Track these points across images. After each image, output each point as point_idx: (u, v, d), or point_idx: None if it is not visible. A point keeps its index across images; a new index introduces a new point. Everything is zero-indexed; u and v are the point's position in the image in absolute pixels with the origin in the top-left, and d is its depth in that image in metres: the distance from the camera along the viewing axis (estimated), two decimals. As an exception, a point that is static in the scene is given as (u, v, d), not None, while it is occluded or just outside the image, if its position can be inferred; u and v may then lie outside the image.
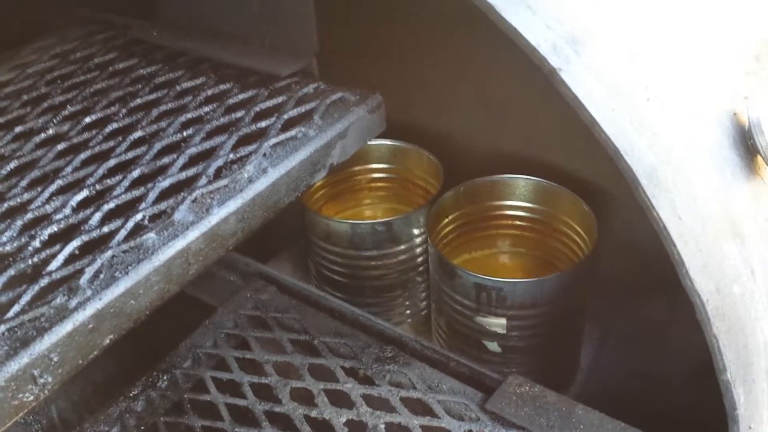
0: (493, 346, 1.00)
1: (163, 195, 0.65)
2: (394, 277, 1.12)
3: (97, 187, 0.67)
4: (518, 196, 1.09)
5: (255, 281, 1.01)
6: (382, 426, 0.77)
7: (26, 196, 0.68)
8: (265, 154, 0.66)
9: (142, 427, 0.83)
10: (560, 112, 0.66)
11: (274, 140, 0.68)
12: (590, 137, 0.62)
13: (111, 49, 0.92)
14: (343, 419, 0.78)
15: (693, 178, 0.68)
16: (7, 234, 0.63)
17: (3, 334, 0.53)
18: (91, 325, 0.55)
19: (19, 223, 0.64)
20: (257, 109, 0.75)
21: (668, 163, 0.66)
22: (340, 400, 0.81)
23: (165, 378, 0.89)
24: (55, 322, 0.54)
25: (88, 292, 0.56)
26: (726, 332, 0.67)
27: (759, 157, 0.74)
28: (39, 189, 0.68)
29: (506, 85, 1.04)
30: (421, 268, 1.13)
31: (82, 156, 0.72)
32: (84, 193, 0.67)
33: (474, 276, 0.94)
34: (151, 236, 0.60)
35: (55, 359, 0.53)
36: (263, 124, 0.71)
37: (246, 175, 0.64)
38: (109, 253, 0.59)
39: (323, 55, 0.84)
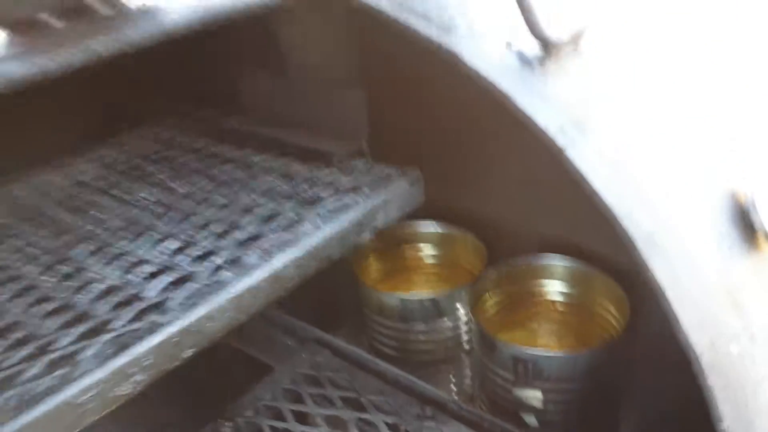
0: (531, 419, 1.12)
1: (239, 245, 0.84)
2: (441, 352, 1.27)
3: (187, 239, 0.87)
4: (556, 277, 1.22)
5: (311, 345, 1.18)
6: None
7: (130, 246, 0.88)
8: (320, 215, 0.85)
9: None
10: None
11: (329, 205, 0.87)
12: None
13: (202, 135, 1.16)
14: (385, 469, 0.92)
15: (691, 248, 0.76)
16: (116, 273, 0.83)
17: (110, 339, 0.71)
18: (176, 339, 0.72)
19: (124, 264, 0.84)
20: (316, 180, 0.95)
21: (666, 231, 0.74)
22: (383, 451, 0.96)
23: (228, 425, 1.06)
24: (149, 333, 0.71)
25: (176, 313, 0.74)
26: (723, 388, 0.71)
27: (759, 233, 0.84)
28: (139, 241, 0.89)
29: (549, 169, 1.18)
30: (466, 347, 1.28)
31: (176, 217, 0.93)
32: (176, 243, 0.86)
33: (511, 347, 1.07)
34: (227, 275, 0.78)
35: (146, 363, 0.70)
36: (321, 193, 0.91)
37: (304, 230, 0.83)
38: (195, 285, 0.77)
39: (373, 136, 1.03)
